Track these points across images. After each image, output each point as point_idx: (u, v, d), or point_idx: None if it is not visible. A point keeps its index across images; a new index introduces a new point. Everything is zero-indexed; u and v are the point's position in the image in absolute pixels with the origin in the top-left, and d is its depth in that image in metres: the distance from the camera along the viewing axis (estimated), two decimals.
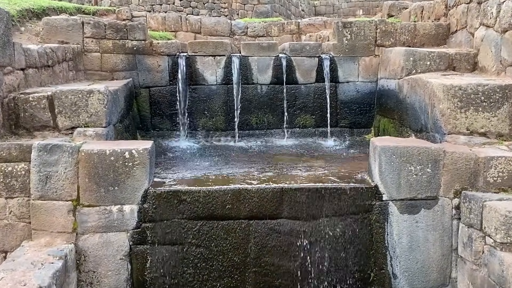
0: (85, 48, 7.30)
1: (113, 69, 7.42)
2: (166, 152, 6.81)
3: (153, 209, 4.60)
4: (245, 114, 7.66)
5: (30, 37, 6.97)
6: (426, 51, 6.53)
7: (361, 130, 7.86)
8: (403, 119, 6.46)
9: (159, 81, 7.60)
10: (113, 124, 5.60)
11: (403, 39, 7.60)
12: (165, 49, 7.54)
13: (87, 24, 7.26)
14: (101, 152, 4.50)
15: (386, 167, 4.64)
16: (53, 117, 5.12)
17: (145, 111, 7.62)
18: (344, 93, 7.80)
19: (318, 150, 7.05)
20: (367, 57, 7.71)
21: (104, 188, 4.52)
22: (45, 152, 4.46)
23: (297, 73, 7.66)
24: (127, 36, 7.43)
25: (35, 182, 4.47)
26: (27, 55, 5.46)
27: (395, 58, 6.84)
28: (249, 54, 7.61)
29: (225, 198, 4.64)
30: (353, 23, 7.68)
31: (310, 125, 7.80)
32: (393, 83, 6.89)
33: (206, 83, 7.62)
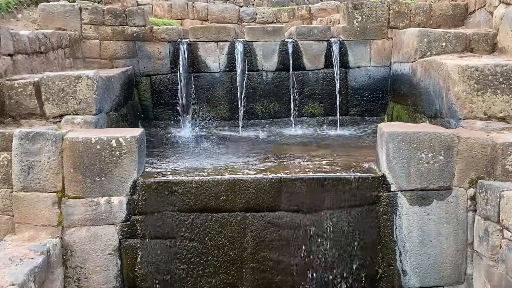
0: (83, 35, 7.06)
1: (113, 56, 7.17)
2: (165, 142, 6.54)
3: (143, 200, 4.32)
4: (249, 102, 7.34)
5: (26, 24, 6.75)
6: (441, 31, 6.13)
7: (373, 118, 7.46)
8: (417, 104, 6.05)
9: (160, 68, 7.32)
10: (105, 112, 5.31)
11: (417, 20, 7.19)
12: (165, 35, 7.25)
13: (84, 10, 7.02)
14: (86, 141, 4.22)
15: (394, 155, 4.26)
16: (40, 104, 4.85)
17: (146, 100, 7.36)
18: (355, 79, 7.41)
19: (325, 139, 6.68)
20: (379, 40, 7.31)
21: (90, 178, 4.24)
22: (27, 140, 4.19)
23: (305, 59, 7.29)
24: (127, 22, 7.17)
25: (17, 172, 4.21)
26: (15, 40, 5.21)
27: (409, 40, 6.43)
28: (254, 39, 7.27)
29: (219, 189, 4.33)
30: (364, 4, 7.28)
31: (318, 114, 7.43)
32: (407, 67, 6.48)
33: (208, 71, 7.31)
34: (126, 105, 6.52)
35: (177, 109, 7.32)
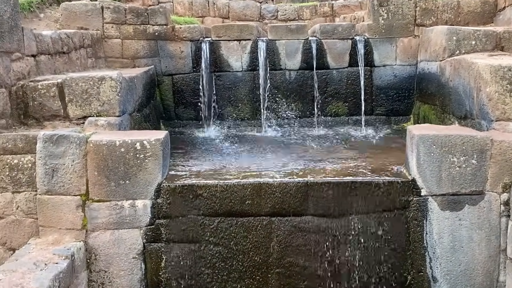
0: (105, 34, 7.02)
1: (135, 56, 7.12)
2: (188, 143, 6.47)
3: (167, 204, 4.25)
4: (272, 102, 7.20)
5: (49, 24, 6.73)
6: (470, 29, 5.93)
7: (399, 118, 7.29)
8: (446, 105, 5.88)
9: (182, 68, 7.24)
10: (128, 113, 5.26)
11: (445, 17, 6.99)
12: (187, 34, 7.17)
13: (106, 9, 6.97)
14: (111, 143, 4.17)
15: (425, 158, 4.12)
16: (64, 106, 4.81)
17: (168, 100, 7.30)
18: (380, 78, 7.24)
19: (350, 140, 6.53)
20: (405, 38, 7.12)
21: (114, 181, 4.19)
22: (51, 143, 4.15)
23: (329, 57, 7.15)
24: (148, 21, 7.10)
25: (41, 175, 4.17)
26: (38, 41, 5.18)
27: (437, 38, 6.25)
28: (277, 38, 7.14)
29: (244, 193, 4.24)
30: (390, 1, 7.09)
31: (342, 113, 7.28)
32: (435, 66, 6.31)
33: (231, 70, 7.22)
34: (148, 105, 6.47)
35: (199, 108, 7.25)
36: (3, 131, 4.38)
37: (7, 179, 4.30)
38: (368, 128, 7.12)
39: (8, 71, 4.61)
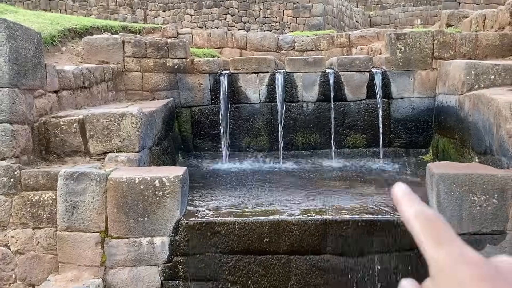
0: (126, 67, 7.12)
1: (154, 88, 7.20)
2: (206, 175, 6.48)
3: (185, 241, 4.26)
4: (290, 133, 7.22)
5: (70, 57, 6.86)
6: (489, 63, 5.88)
7: (417, 150, 7.21)
8: (465, 139, 5.83)
9: (200, 100, 7.30)
10: (148, 148, 5.31)
11: (463, 50, 6.92)
12: (206, 67, 7.25)
13: (127, 43, 7.08)
14: (130, 180, 4.21)
15: (445, 197, 4.08)
16: (84, 142, 4.88)
17: (186, 131, 7.34)
18: (398, 110, 7.20)
19: (369, 173, 6.47)
20: (423, 71, 7.07)
21: (133, 219, 4.22)
22: (72, 180, 4.21)
23: (346, 89, 7.14)
24: (168, 55, 7.20)
25: (62, 212, 4.22)
26: (60, 76, 5.29)
27: (455, 72, 6.22)
28: (294, 70, 7.18)
29: (262, 231, 4.22)
30: (407, 34, 7.07)
31: (360, 145, 7.23)
32: (453, 99, 6.27)
33: (249, 102, 7.25)
34: (167, 137, 6.52)
35: (217, 140, 7.29)
36: (25, 167, 4.44)
37: (28, 215, 4.35)
38: (386, 160, 7.06)
39: (31, 108, 4.70)
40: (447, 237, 0.54)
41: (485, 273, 0.48)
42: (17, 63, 4.40)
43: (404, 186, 0.62)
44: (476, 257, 0.51)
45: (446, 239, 0.54)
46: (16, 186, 4.32)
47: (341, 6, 20.82)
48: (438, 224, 0.56)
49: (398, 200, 0.61)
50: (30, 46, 4.67)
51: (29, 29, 4.76)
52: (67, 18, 8.40)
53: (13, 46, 4.35)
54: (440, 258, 0.52)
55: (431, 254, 0.53)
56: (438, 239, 0.54)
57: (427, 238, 0.55)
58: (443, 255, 0.52)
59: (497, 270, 0.50)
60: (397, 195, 0.62)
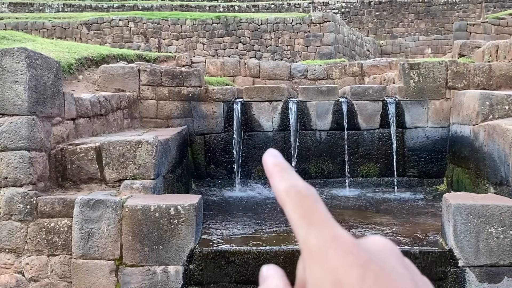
0: (141, 95, 7.20)
1: (169, 116, 7.27)
2: (219, 203, 6.47)
3: (199, 270, 4.23)
4: (303, 162, 7.21)
5: (87, 85, 6.97)
6: (504, 94, 5.89)
7: (432, 180, 7.16)
8: (480, 169, 5.79)
9: (214, 128, 7.35)
10: (162, 176, 5.33)
11: (477, 81, 6.94)
12: (220, 95, 7.32)
13: (143, 71, 7.18)
14: (146, 208, 4.21)
15: (462, 228, 4.04)
16: (101, 169, 4.91)
17: (200, 158, 7.37)
18: (412, 140, 7.19)
19: (383, 203, 6.43)
20: (437, 101, 7.08)
21: (148, 247, 4.21)
22: (88, 208, 4.22)
23: (359, 118, 7.16)
24: (183, 83, 7.29)
25: (77, 239, 4.23)
26: (78, 104, 5.37)
27: (469, 102, 6.22)
28: (307, 99, 7.22)
29: (277, 260, 4.19)
30: (420, 64, 7.11)
31: (374, 174, 7.20)
32: (468, 130, 6.26)
33: (262, 130, 7.28)
34: (181, 165, 6.55)
35: (230, 168, 7.30)
36: (41, 194, 4.47)
37: (43, 242, 4.36)
38: (400, 190, 7.01)
39: (48, 135, 4.76)
40: (319, 217, 0.48)
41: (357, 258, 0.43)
42: (36, 91, 4.47)
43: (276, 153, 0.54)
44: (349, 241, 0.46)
45: (318, 220, 0.48)
46: (32, 213, 4.34)
47: (352, 35, 21.02)
48: (310, 201, 0.49)
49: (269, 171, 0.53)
50: (49, 74, 4.75)
51: (49, 57, 4.85)
52: (84, 47, 8.56)
53: (33, 75, 4.44)
54: (311, 241, 0.46)
55: (302, 235, 0.47)
56: (309, 219, 0.48)
57: (297, 217, 0.48)
58: (314, 237, 0.46)
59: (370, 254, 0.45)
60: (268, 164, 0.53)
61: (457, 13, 26.72)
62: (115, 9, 26.34)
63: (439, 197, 4.58)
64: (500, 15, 18.14)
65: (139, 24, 20.34)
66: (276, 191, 0.52)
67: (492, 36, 16.25)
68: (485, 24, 17.02)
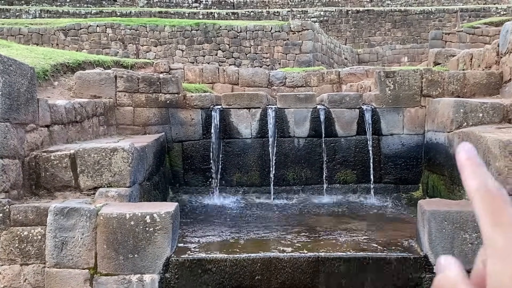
0: (118, 102, 7.13)
1: (146, 123, 7.21)
2: (196, 210, 6.44)
3: (175, 279, 4.20)
4: (281, 169, 7.22)
5: (62, 92, 6.88)
6: (478, 102, 5.99)
7: (407, 187, 7.24)
8: (455, 176, 5.87)
9: (192, 135, 7.31)
10: (138, 183, 5.29)
11: (451, 88, 7.04)
12: (198, 102, 7.30)
13: (120, 78, 7.11)
14: (121, 216, 4.17)
15: (436, 234, 4.09)
16: (75, 177, 4.85)
17: (177, 166, 7.33)
18: (388, 147, 7.26)
19: (360, 209, 6.48)
20: (412, 108, 7.17)
21: (123, 255, 4.16)
22: (62, 216, 4.16)
23: (337, 126, 7.21)
24: (160, 90, 7.24)
25: (51, 248, 4.16)
26: (52, 111, 5.30)
27: (444, 110, 6.31)
28: (286, 106, 7.24)
29: (254, 268, 4.18)
30: (396, 73, 7.20)
31: (351, 181, 7.25)
32: (442, 137, 6.35)
33: (240, 137, 7.27)
34: (158, 172, 6.50)
35: (208, 175, 7.27)
36: (14, 202, 4.39)
37: (16, 251, 4.27)
38: (377, 196, 7.07)
39: (22, 142, 4.68)
40: (507, 219, 0.50)
41: None
42: (9, 98, 4.40)
43: (469, 147, 0.56)
44: None
45: (506, 221, 0.50)
46: (5, 221, 4.26)
47: (330, 43, 21.20)
48: (499, 201, 0.52)
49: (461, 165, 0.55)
50: (23, 81, 4.68)
51: (23, 64, 4.78)
52: (60, 53, 8.47)
53: (7, 81, 4.36)
54: (497, 241, 0.49)
55: (487, 233, 0.51)
56: (496, 219, 0.51)
57: (484, 215, 0.52)
58: (501, 238, 0.49)
59: None
60: (461, 158, 0.56)
61: (433, 22, 27.16)
62: (93, 15, 26.13)
63: (415, 204, 4.63)
64: (475, 24, 18.48)
65: (117, 30, 20.20)
66: (466, 186, 0.55)
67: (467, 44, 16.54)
68: (460, 33, 17.32)
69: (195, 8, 29.42)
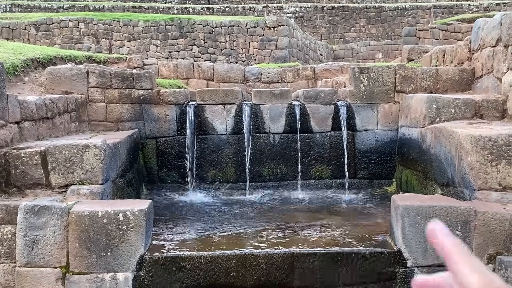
0: (90, 98, 7.01)
1: (119, 119, 7.10)
2: (171, 207, 6.38)
3: (149, 277, 4.15)
4: (256, 165, 7.21)
5: (33, 88, 6.72)
6: (450, 98, 6.06)
7: (381, 182, 7.30)
8: (428, 171, 5.94)
9: (166, 131, 7.24)
10: (111, 180, 5.21)
11: (424, 84, 7.12)
12: (172, 98, 7.21)
13: (92, 73, 6.99)
14: (93, 214, 4.10)
15: (410, 229, 4.13)
16: (46, 174, 4.74)
17: (151, 162, 7.24)
18: (363, 142, 7.31)
19: (334, 204, 6.51)
20: (386, 104, 7.22)
21: (96, 254, 4.10)
22: (33, 214, 4.07)
23: (312, 121, 7.22)
24: (134, 85, 7.14)
25: (21, 247, 4.07)
26: (23, 107, 5.17)
27: (417, 105, 6.38)
28: (261, 102, 7.22)
29: (229, 265, 4.16)
30: (370, 69, 7.24)
31: (326, 177, 7.28)
32: (415, 132, 6.42)
33: (215, 133, 7.22)
34: (131, 169, 6.41)
35: (183, 172, 7.21)
36: None
37: None
38: (352, 191, 7.11)
39: None
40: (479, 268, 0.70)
41: None
42: None
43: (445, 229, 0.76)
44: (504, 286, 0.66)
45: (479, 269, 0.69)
46: None
47: (306, 39, 21.27)
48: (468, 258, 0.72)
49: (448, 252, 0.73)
50: None
51: None
52: (30, 48, 8.28)
53: None
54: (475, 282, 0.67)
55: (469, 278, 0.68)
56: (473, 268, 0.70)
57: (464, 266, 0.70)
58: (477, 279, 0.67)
59: None
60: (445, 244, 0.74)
61: (406, 19, 27.49)
62: (65, 10, 25.68)
63: (388, 199, 4.67)
64: (448, 21, 18.76)
65: (89, 25, 19.89)
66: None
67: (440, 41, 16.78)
68: (434, 30, 17.55)
69: (169, 3, 29.16)
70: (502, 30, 5.94)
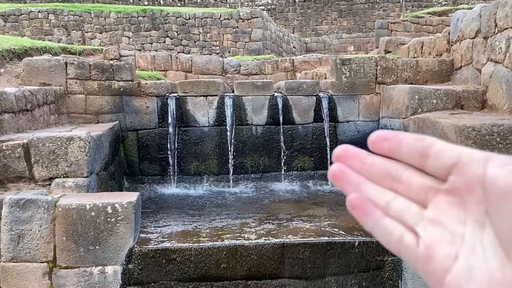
0: (69, 90, 6.85)
1: (99, 111, 6.96)
2: (155, 200, 6.31)
3: (139, 270, 4.10)
4: (239, 157, 7.18)
5: (9, 79, 6.54)
6: (432, 88, 6.15)
7: None
8: None
9: (147, 123, 7.13)
10: (96, 173, 5.11)
11: (405, 76, 7.20)
12: (154, 90, 7.11)
13: (70, 64, 6.82)
14: (81, 207, 4.02)
15: None
16: (29, 167, 4.62)
17: (132, 155, 7.14)
18: (344, 133, 7.36)
19: (318, 196, 6.55)
20: (367, 95, 7.27)
21: (84, 247, 4.02)
22: (18, 208, 3.96)
23: (294, 113, 7.22)
24: (114, 77, 7.00)
25: (6, 242, 3.96)
26: (2, 99, 5.02)
27: (399, 97, 6.45)
28: (243, 94, 7.18)
29: (219, 256, 4.15)
30: (352, 60, 7.28)
31: (309, 168, 7.30)
32: (397, 123, 6.49)
33: (197, 125, 7.16)
34: (113, 162, 6.31)
35: (164, 164, 7.12)
36: None
37: None
38: None
39: None
40: None
41: None
42: None
43: None
44: None
45: None
46: None
47: (279, 32, 21.26)
48: None
49: None
50: None
51: None
52: (5, 39, 8.04)
53: None
54: None
55: None
56: None
57: None
58: None
59: None
60: None
61: (377, 12, 27.76)
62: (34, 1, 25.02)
63: None
64: (419, 14, 19.02)
65: (59, 16, 19.45)
66: None
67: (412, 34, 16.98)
68: (405, 23, 17.77)
69: None
70: (482, 21, 6.05)
